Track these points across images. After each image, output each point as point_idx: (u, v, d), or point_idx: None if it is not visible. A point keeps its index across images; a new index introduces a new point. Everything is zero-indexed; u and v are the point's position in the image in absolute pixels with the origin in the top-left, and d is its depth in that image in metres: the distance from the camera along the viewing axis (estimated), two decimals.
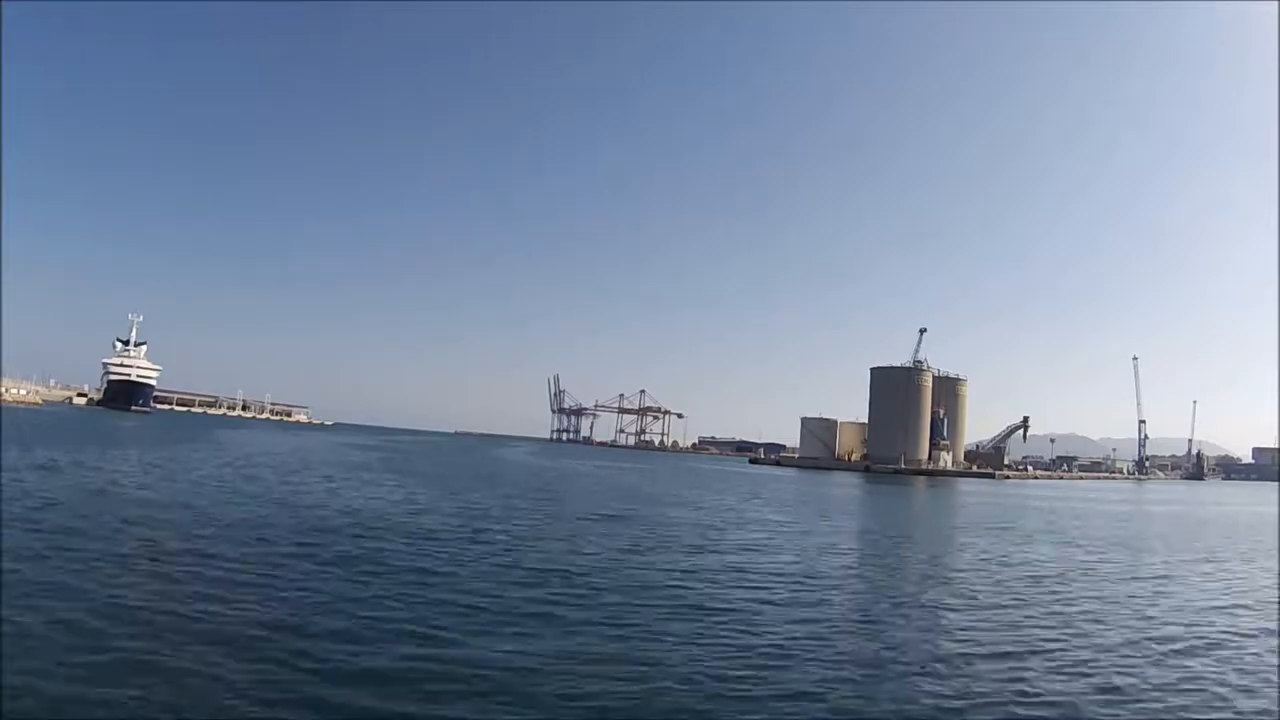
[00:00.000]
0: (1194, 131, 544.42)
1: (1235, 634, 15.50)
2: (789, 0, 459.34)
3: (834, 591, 18.38)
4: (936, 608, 16.81)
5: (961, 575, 22.03)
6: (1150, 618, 16.88)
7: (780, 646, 12.51)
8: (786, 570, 20.68)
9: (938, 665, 12.01)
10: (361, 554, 18.76)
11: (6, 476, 28.52)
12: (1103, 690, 11.13)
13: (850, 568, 22.88)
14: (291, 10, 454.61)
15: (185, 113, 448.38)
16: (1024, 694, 10.69)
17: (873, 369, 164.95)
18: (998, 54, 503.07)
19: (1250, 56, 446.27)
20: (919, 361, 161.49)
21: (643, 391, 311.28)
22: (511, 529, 25.81)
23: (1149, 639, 14.59)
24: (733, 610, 15.07)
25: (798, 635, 13.35)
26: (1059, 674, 11.80)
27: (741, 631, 13.40)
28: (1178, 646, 14.13)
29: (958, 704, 10.21)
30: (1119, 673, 12.06)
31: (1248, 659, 13.40)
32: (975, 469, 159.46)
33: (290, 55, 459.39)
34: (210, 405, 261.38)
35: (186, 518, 22.85)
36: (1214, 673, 12.36)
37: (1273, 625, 16.70)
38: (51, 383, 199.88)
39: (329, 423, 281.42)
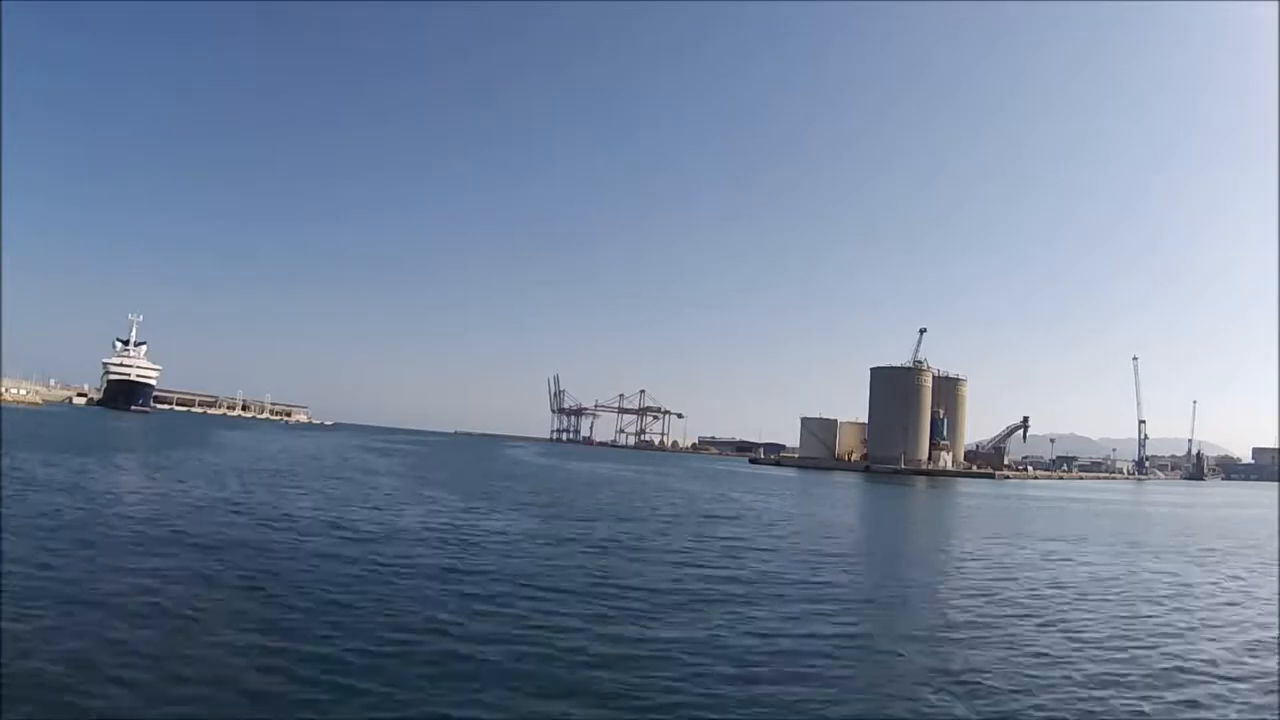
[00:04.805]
0: (1194, 131, 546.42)
1: None
2: (790, 1, 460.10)
3: None
4: None
5: None
6: None
7: None
8: None
9: None
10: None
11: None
12: None
13: None
14: (291, 10, 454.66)
15: (185, 113, 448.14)
16: None
17: (873, 369, 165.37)
18: (998, 54, 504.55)
19: (1250, 56, 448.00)
20: (919, 361, 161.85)
21: (643, 391, 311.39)
22: None
23: None
24: None
25: None
26: None
27: None
28: None
29: None
30: None
31: None
32: (975, 469, 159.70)
33: (290, 55, 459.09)
34: (210, 405, 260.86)
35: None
36: None
37: None
38: (51, 383, 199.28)
39: (329, 423, 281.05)
